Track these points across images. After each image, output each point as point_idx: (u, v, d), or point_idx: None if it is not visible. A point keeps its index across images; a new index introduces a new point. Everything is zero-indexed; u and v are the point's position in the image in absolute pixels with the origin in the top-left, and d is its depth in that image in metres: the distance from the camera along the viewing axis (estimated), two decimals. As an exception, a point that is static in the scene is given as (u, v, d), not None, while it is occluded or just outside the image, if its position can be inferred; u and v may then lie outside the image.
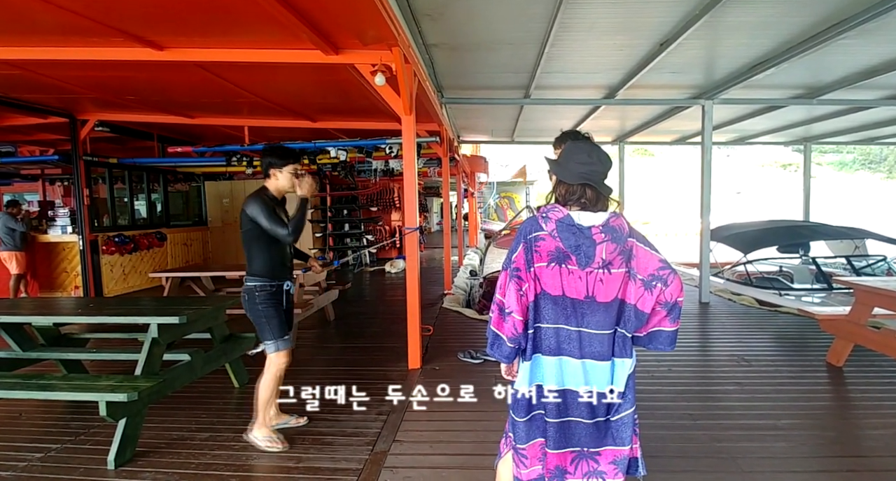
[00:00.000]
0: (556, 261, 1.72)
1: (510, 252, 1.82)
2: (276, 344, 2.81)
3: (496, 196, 29.70)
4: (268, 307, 2.79)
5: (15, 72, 5.05)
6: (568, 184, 1.79)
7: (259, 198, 2.77)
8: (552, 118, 8.69)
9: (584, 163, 1.77)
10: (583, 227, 1.72)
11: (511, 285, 1.74)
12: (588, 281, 1.72)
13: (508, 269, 1.77)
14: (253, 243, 2.80)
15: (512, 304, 1.73)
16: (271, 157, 2.84)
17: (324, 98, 6.25)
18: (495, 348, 1.79)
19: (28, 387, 2.60)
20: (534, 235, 1.76)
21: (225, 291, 6.26)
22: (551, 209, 1.78)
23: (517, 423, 1.82)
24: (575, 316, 1.73)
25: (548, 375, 1.77)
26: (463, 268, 10.33)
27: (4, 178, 11.79)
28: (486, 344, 1.84)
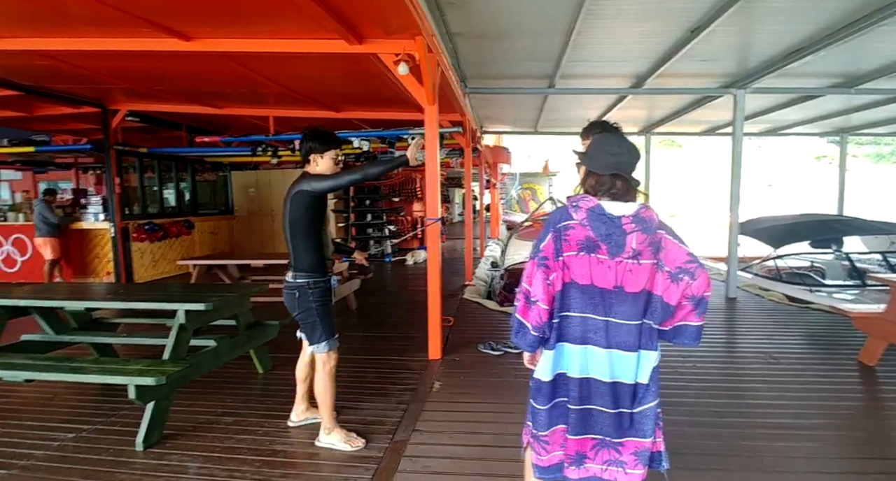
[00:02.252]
0: (585, 250, 1.72)
1: (538, 240, 1.80)
2: (329, 343, 2.70)
3: (518, 187, 29.44)
4: (321, 305, 2.67)
5: (48, 62, 5.18)
6: (598, 175, 1.79)
7: (310, 174, 2.64)
8: (577, 108, 8.55)
9: (613, 153, 1.76)
10: (613, 217, 1.72)
11: (538, 274, 1.74)
12: (617, 271, 1.72)
13: (536, 258, 1.77)
14: (300, 234, 2.61)
15: (538, 293, 1.73)
16: (312, 142, 2.65)
17: (347, 88, 6.26)
18: (519, 336, 1.79)
19: (60, 370, 2.69)
20: (563, 224, 1.75)
21: (250, 279, 6.37)
22: (581, 198, 1.78)
23: (538, 411, 1.83)
24: (603, 305, 1.73)
25: (572, 363, 1.78)
26: (484, 260, 10.30)
27: (40, 166, 12.20)
28: (506, 335, 1.85)
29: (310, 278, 2.65)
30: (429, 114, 4.04)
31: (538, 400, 1.83)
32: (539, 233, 1.82)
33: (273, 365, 4.01)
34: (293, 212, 2.60)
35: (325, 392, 2.75)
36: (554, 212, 1.85)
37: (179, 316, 2.98)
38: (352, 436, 2.80)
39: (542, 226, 1.84)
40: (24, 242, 8.41)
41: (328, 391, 2.76)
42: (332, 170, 2.72)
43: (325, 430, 2.79)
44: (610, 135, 1.94)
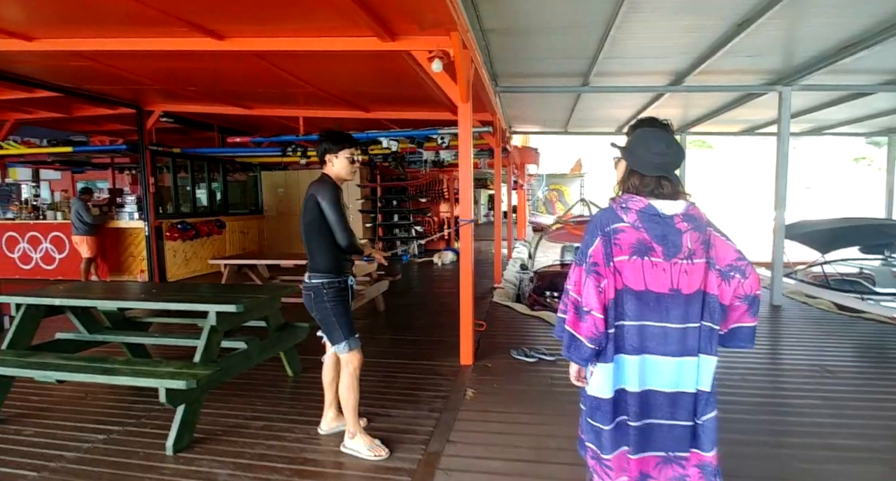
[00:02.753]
0: (638, 253, 1.64)
1: (584, 246, 1.71)
2: (349, 343, 2.63)
3: (545, 188, 29.09)
4: (337, 305, 2.61)
5: (85, 63, 5.25)
6: (641, 175, 1.71)
7: (331, 186, 2.58)
8: (610, 107, 8.31)
9: (661, 153, 1.68)
10: (666, 216, 1.66)
11: (589, 281, 1.64)
12: (672, 273, 1.64)
13: (584, 265, 1.68)
14: (315, 236, 2.59)
15: (592, 302, 1.63)
16: (326, 143, 2.64)
17: (377, 87, 6.19)
18: (572, 350, 1.69)
19: (93, 371, 2.67)
20: (613, 227, 1.67)
21: (279, 279, 6.36)
22: (629, 199, 1.70)
23: (602, 432, 1.71)
24: (659, 311, 1.64)
25: (630, 376, 1.68)
26: (512, 262, 10.13)
27: (78, 166, 12.55)
28: (538, 341, 1.76)
29: (324, 278, 2.62)
30: (462, 112, 3.92)
31: (598, 419, 1.72)
32: (584, 238, 1.73)
33: (302, 367, 3.94)
34: (307, 214, 2.60)
35: (349, 392, 2.69)
36: (599, 214, 1.75)
37: (211, 317, 2.93)
38: (376, 444, 2.70)
39: (585, 230, 1.75)
40: (62, 240, 8.63)
41: (352, 391, 2.69)
42: (348, 170, 2.70)
43: (349, 434, 2.72)
44: (656, 130, 1.80)
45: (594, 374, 1.71)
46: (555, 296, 6.84)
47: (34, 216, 9.08)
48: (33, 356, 2.96)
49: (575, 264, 1.72)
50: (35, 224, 8.83)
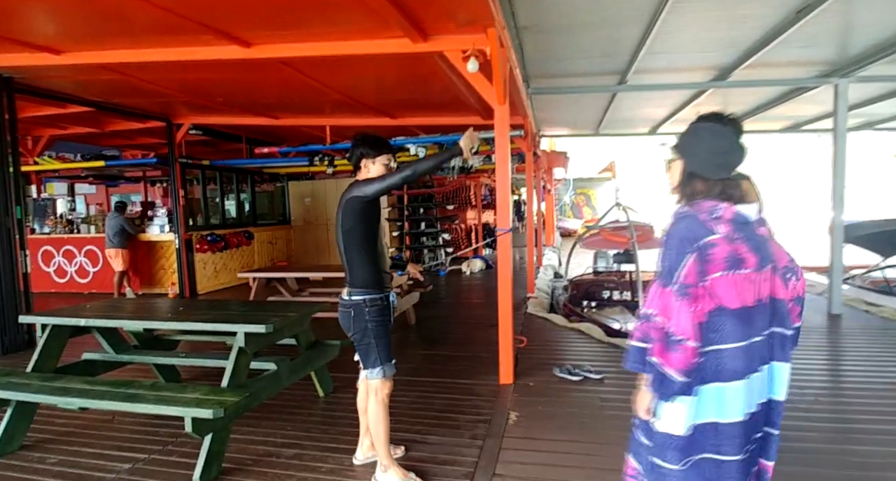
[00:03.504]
0: (730, 267, 1.48)
1: (670, 264, 1.49)
2: (384, 369, 2.40)
3: (572, 193, 28.61)
4: (378, 325, 2.38)
5: (114, 76, 5.23)
6: (703, 178, 1.55)
7: (360, 182, 2.40)
8: (646, 106, 7.95)
9: (724, 151, 1.53)
10: (751, 223, 1.55)
11: (681, 306, 1.44)
12: (758, 283, 1.52)
13: (672, 287, 1.47)
14: (355, 246, 2.37)
15: (686, 330, 1.43)
16: (364, 147, 2.43)
17: (405, 93, 6.03)
18: (660, 386, 1.49)
19: (116, 397, 2.51)
20: (706, 241, 1.48)
21: (308, 291, 6.22)
22: (714, 207, 1.51)
23: (670, 473, 1.53)
24: (750, 326, 1.51)
25: (730, 406, 1.49)
26: (543, 269, 9.81)
27: (111, 180, 12.80)
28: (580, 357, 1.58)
29: (366, 295, 2.39)
30: (499, 115, 3.69)
31: (667, 456, 1.53)
32: (666, 255, 1.51)
33: (334, 386, 3.75)
34: (346, 222, 2.38)
35: (379, 423, 2.45)
36: (681, 226, 1.53)
37: (239, 339, 2.75)
38: (411, 477, 2.46)
39: (666, 245, 1.53)
40: (95, 254, 8.71)
41: (381, 422, 2.45)
42: None
43: (382, 467, 2.48)
44: (715, 126, 1.56)
45: (668, 409, 1.52)
46: (592, 307, 6.52)
47: (69, 230, 9.21)
48: (58, 380, 2.84)
49: (658, 286, 1.50)
50: (69, 238, 8.96)
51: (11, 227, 5.12)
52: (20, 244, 5.24)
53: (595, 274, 8.25)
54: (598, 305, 6.50)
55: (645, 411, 1.58)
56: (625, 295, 6.72)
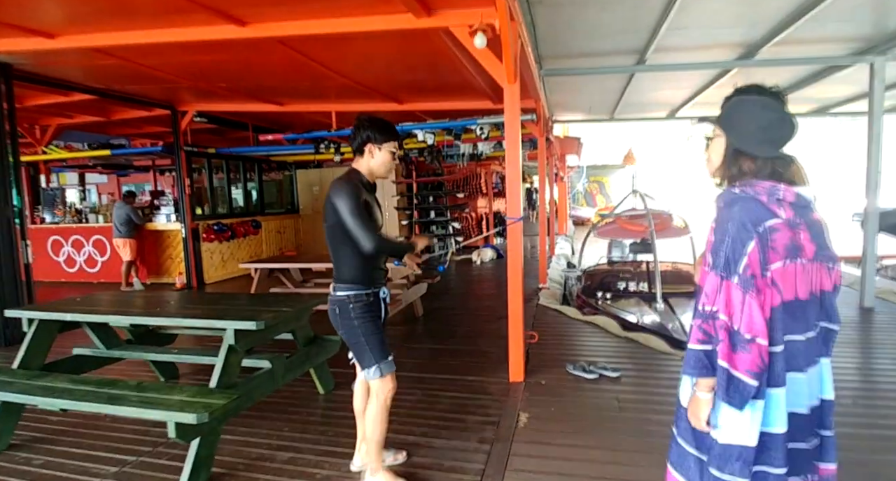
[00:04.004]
0: (790, 256, 1.35)
1: (731, 252, 1.33)
2: (380, 367, 2.22)
3: (585, 181, 28.13)
4: (365, 322, 2.20)
5: (114, 62, 5.07)
6: (752, 157, 1.40)
7: (350, 184, 2.16)
8: (666, 88, 7.59)
9: (774, 125, 1.39)
10: (811, 206, 1.41)
11: (749, 300, 1.30)
12: (811, 273, 1.39)
13: (735, 279, 1.31)
14: (340, 242, 2.19)
15: (757, 327, 1.29)
16: (370, 130, 2.22)
17: (411, 75, 5.78)
18: (733, 392, 1.32)
19: (98, 399, 2.36)
20: (768, 226, 1.33)
21: (313, 282, 6.06)
22: (774, 188, 1.36)
23: None
24: (804, 321, 1.39)
25: (776, 414, 1.36)
26: (555, 259, 9.56)
27: (121, 170, 12.76)
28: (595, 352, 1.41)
29: (350, 291, 2.20)
30: (509, 94, 3.43)
31: (734, 469, 1.36)
32: (723, 241, 1.35)
33: (335, 383, 3.58)
34: (329, 217, 2.18)
35: (376, 425, 2.27)
36: (736, 209, 1.36)
37: (228, 336, 2.58)
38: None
39: (721, 231, 1.37)
40: (103, 243, 8.65)
41: (379, 424, 2.27)
42: (388, 166, 2.29)
43: (371, 470, 2.33)
44: (761, 98, 1.43)
45: (734, 416, 1.35)
46: (607, 298, 6.26)
47: (77, 219, 9.16)
48: (42, 378, 2.70)
49: (716, 276, 1.34)
50: (78, 227, 8.90)
51: (11, 217, 5.01)
52: (21, 234, 5.13)
53: (609, 264, 7.98)
54: (613, 297, 6.24)
55: (702, 419, 1.41)
56: (641, 286, 6.45)
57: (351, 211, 2.09)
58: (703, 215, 8.51)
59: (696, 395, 1.42)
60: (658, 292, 5.76)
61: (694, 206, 10.13)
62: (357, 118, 2.28)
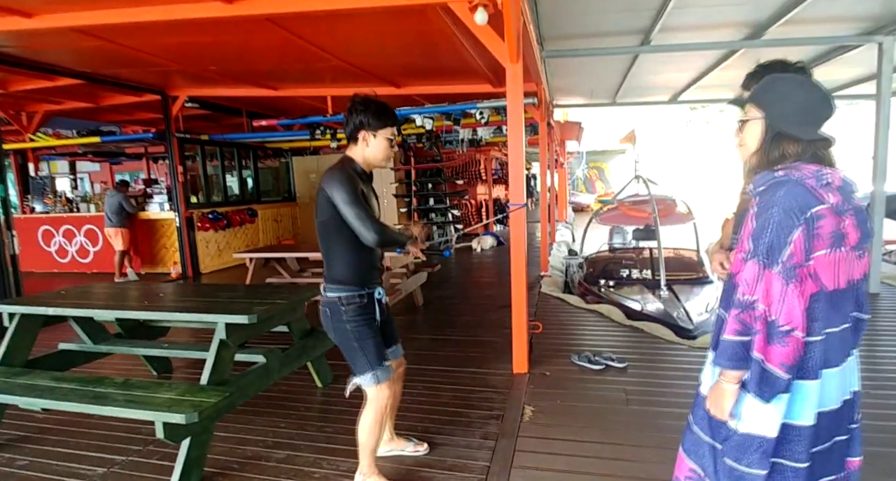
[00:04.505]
0: (834, 244, 1.27)
1: (774, 238, 1.25)
2: (375, 374, 2.06)
3: (585, 167, 27.92)
4: (359, 325, 2.04)
5: (97, 43, 4.87)
6: (795, 139, 1.32)
7: (343, 173, 1.97)
8: (669, 71, 7.39)
9: (817, 105, 1.32)
10: (856, 192, 1.33)
11: (790, 291, 1.23)
12: (850, 262, 1.32)
13: (776, 268, 1.24)
14: (333, 238, 2.01)
15: (796, 318, 1.23)
16: (364, 115, 2.02)
17: (409, 57, 5.58)
18: (767, 386, 1.27)
19: (81, 398, 2.24)
20: (814, 212, 1.24)
21: (310, 271, 5.93)
22: (821, 172, 1.28)
23: (756, 478, 1.33)
24: (841, 312, 1.33)
25: (805, 407, 1.31)
26: (556, 246, 9.43)
27: (114, 158, 12.52)
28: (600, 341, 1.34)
29: (342, 292, 2.04)
30: (512, 74, 3.27)
31: (751, 460, 1.33)
32: (766, 227, 1.27)
33: (333, 377, 3.47)
34: (322, 211, 2.00)
35: (370, 434, 2.13)
36: (781, 193, 1.28)
37: (219, 330, 2.45)
38: None
39: (763, 216, 1.28)
40: (95, 233, 8.49)
41: (372, 433, 2.13)
42: (385, 154, 2.09)
43: (362, 475, 2.20)
44: (799, 76, 1.41)
45: (757, 407, 1.32)
46: (610, 286, 6.15)
47: (68, 209, 8.98)
48: (24, 376, 2.57)
49: (756, 264, 1.27)
50: (69, 217, 8.73)
51: (-6, 206, 4.86)
52: (6, 224, 4.98)
53: (611, 251, 7.86)
54: (616, 284, 6.12)
55: (726, 408, 1.36)
56: (644, 273, 6.33)
57: (348, 201, 1.92)
58: (705, 201, 8.40)
59: (722, 385, 1.37)
60: (662, 279, 5.66)
61: (695, 192, 10.00)
62: (351, 100, 2.08)
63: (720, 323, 1.41)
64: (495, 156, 13.53)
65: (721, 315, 1.42)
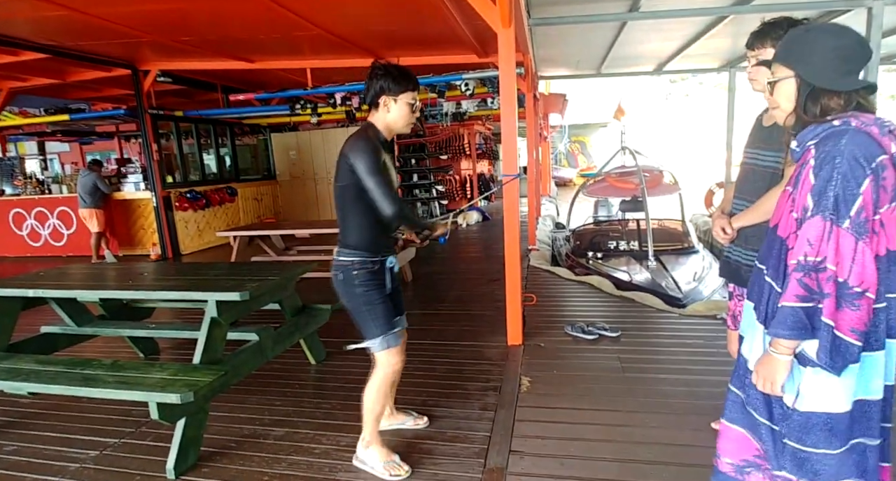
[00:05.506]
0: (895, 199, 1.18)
1: (841, 191, 1.14)
2: (386, 339, 2.07)
3: (567, 141, 27.89)
4: (369, 290, 2.03)
5: (61, 12, 4.60)
6: (834, 92, 1.22)
7: (367, 142, 1.93)
8: (655, 39, 7.29)
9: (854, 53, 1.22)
10: None
11: (864, 247, 1.13)
12: None
13: (845, 223, 1.13)
14: (350, 205, 2.00)
15: (870, 278, 1.12)
16: (384, 80, 1.97)
17: (392, 24, 5.39)
18: (838, 356, 1.16)
19: (70, 381, 2.15)
20: (881, 161, 1.15)
21: (296, 250, 5.83)
22: (879, 120, 1.19)
23: (823, 458, 1.22)
24: None
25: (874, 379, 1.22)
26: (542, 220, 9.44)
27: (84, 137, 12.05)
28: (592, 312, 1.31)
29: (355, 257, 2.03)
30: (504, 40, 3.16)
31: (818, 440, 1.22)
32: (830, 180, 1.15)
33: (327, 353, 3.43)
34: (342, 176, 1.97)
35: (375, 400, 2.13)
36: (844, 142, 1.16)
37: (210, 308, 2.38)
38: (394, 460, 2.14)
39: (823, 167, 1.17)
40: (69, 215, 8.20)
41: (378, 399, 2.13)
42: (407, 119, 2.05)
43: (364, 442, 2.19)
44: (832, 26, 1.28)
45: (819, 381, 1.21)
46: (598, 258, 6.18)
47: (39, 190, 8.65)
48: (6, 360, 2.47)
49: (823, 220, 1.15)
50: (40, 199, 8.41)
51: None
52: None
53: (596, 223, 7.89)
54: (605, 256, 6.16)
55: (778, 381, 1.25)
56: (631, 244, 6.38)
57: (370, 170, 1.89)
58: (686, 173, 8.38)
59: (773, 356, 1.25)
60: (650, 250, 5.70)
61: (677, 164, 10.05)
62: (371, 66, 2.02)
63: (762, 290, 1.31)
64: (479, 130, 13.37)
65: (765, 281, 1.32)
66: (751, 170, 2.00)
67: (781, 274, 1.26)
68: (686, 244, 6.29)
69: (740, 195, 2.03)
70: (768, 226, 1.38)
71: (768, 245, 1.34)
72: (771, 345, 1.25)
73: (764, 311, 1.31)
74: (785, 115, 1.32)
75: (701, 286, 5.15)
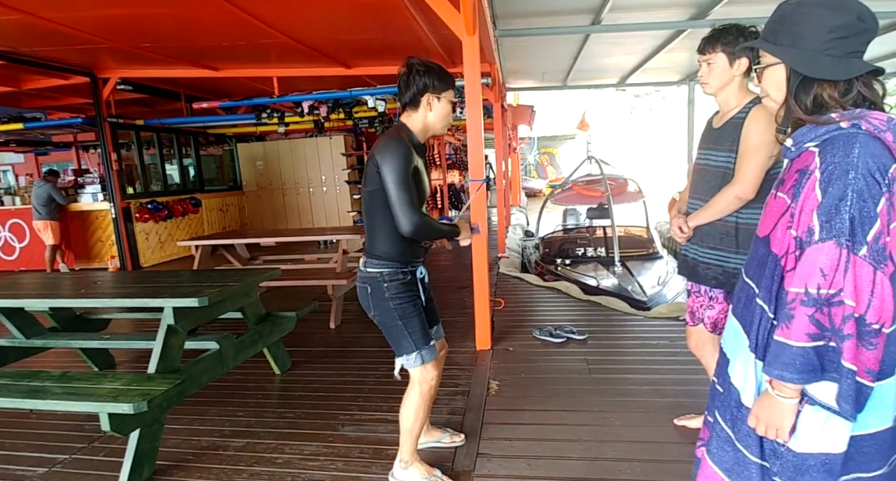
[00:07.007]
0: None
1: (857, 212, 0.96)
2: (421, 354, 1.92)
3: (536, 152, 28.39)
4: (403, 303, 1.88)
5: (14, 16, 4.43)
6: (830, 82, 1.03)
7: (400, 145, 1.77)
8: (617, 53, 7.54)
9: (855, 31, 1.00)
10: None
11: (881, 278, 0.96)
12: None
13: (863, 250, 0.96)
14: (379, 210, 1.83)
15: (888, 313, 0.96)
16: (427, 77, 1.82)
17: (359, 33, 5.40)
18: (855, 399, 0.99)
19: (16, 394, 2.03)
20: (891, 174, 0.98)
21: (261, 259, 5.71)
22: (892, 121, 1.00)
23: None
24: None
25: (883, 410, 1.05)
26: (511, 229, 9.54)
27: (39, 147, 11.60)
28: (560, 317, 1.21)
29: (385, 268, 1.88)
30: (468, 47, 3.21)
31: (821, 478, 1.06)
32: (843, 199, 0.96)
33: (292, 363, 3.35)
34: (370, 180, 1.82)
35: (415, 417, 2.00)
36: (855, 153, 0.97)
37: (167, 315, 2.30)
38: (436, 476, 2.05)
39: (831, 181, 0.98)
40: (21, 227, 7.85)
41: (418, 417, 2.00)
42: (448, 120, 1.93)
43: (402, 464, 2.06)
44: None
45: (818, 421, 1.05)
46: (566, 264, 6.28)
47: (-11, 202, 8.26)
48: (-56, 374, 2.32)
49: (836, 247, 0.97)
50: (-10, 211, 8.03)
51: None
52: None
53: (564, 231, 8.02)
54: (573, 263, 6.26)
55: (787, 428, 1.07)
56: (598, 251, 6.50)
57: (398, 180, 1.74)
58: (650, 183, 8.60)
59: (777, 400, 1.06)
60: (616, 256, 5.81)
61: (641, 175, 10.34)
62: (406, 64, 1.88)
63: (753, 313, 1.15)
64: (448, 140, 13.46)
65: (757, 304, 1.14)
66: (703, 170, 2.06)
67: (775, 297, 1.10)
68: (651, 250, 6.45)
69: (694, 194, 2.10)
70: (756, 235, 1.20)
71: (759, 260, 1.16)
72: (774, 387, 1.07)
73: (755, 340, 1.14)
74: (777, 106, 1.14)
75: (665, 290, 5.28)
